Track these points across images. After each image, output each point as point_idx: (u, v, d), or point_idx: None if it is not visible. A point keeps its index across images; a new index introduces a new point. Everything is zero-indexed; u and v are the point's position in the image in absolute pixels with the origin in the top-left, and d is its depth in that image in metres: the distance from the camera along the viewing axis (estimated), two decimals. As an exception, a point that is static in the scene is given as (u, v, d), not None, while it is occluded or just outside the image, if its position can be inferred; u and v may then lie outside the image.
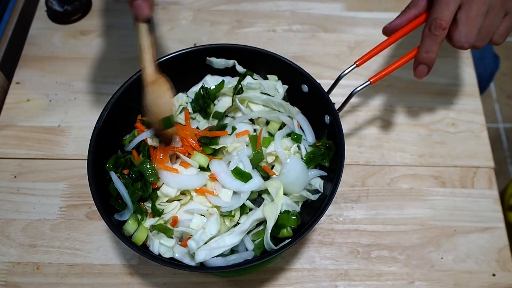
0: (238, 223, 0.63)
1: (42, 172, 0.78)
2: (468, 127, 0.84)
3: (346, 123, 0.83)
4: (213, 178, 0.64)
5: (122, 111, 0.66)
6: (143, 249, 0.59)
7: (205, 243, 0.59)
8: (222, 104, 0.70)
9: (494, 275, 0.72)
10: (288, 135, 0.68)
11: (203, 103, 0.70)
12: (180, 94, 0.73)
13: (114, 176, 0.61)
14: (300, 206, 0.65)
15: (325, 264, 0.72)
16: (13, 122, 0.83)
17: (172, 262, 0.59)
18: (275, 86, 0.70)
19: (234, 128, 0.67)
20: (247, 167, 0.65)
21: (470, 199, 0.77)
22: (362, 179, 0.79)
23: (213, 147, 0.66)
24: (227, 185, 0.63)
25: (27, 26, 0.94)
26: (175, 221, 0.62)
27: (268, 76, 0.71)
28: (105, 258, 0.72)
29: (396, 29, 0.65)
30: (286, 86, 0.71)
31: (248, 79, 0.71)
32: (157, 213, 0.61)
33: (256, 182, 0.63)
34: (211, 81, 0.72)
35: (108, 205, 0.60)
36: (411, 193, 0.78)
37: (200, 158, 0.64)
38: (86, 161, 0.60)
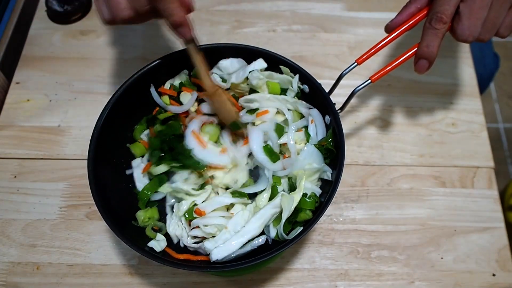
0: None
1: (42, 172, 0.78)
2: (468, 127, 0.84)
3: (346, 123, 0.83)
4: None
5: (122, 111, 0.66)
6: (144, 248, 0.59)
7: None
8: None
9: (494, 275, 0.72)
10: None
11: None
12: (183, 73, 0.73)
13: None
14: (319, 186, 0.65)
15: (325, 264, 0.72)
16: (13, 122, 0.83)
17: (172, 261, 0.59)
18: (290, 80, 0.69)
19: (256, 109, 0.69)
20: (275, 147, 0.65)
21: (470, 199, 0.77)
22: (362, 179, 0.79)
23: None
24: (257, 155, 0.64)
25: (27, 26, 0.94)
26: (200, 213, 0.63)
27: (282, 68, 0.69)
28: (105, 258, 0.72)
29: (398, 25, 0.64)
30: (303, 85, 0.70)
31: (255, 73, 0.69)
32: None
33: (280, 165, 0.64)
34: (226, 65, 0.70)
35: (108, 205, 0.60)
36: (411, 193, 0.78)
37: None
38: (86, 161, 0.60)
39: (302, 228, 0.60)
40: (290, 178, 0.65)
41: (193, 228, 0.62)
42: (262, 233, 0.61)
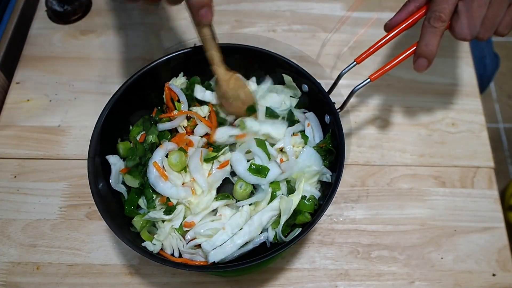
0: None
1: (42, 172, 0.78)
2: (468, 127, 0.84)
3: (346, 123, 0.83)
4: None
5: (122, 111, 0.66)
6: (144, 249, 0.59)
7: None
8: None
9: (494, 275, 0.72)
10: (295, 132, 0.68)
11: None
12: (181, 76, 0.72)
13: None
14: (318, 189, 0.65)
15: (325, 264, 0.72)
16: (13, 122, 0.83)
17: (173, 261, 0.59)
18: (283, 100, 0.70)
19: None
20: (263, 161, 0.64)
21: (470, 199, 0.77)
22: (362, 179, 0.79)
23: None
24: (247, 179, 0.64)
25: (27, 26, 0.94)
26: (190, 225, 0.62)
27: (284, 76, 0.70)
28: (105, 258, 0.72)
29: (397, 24, 0.64)
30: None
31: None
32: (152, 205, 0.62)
33: (274, 172, 0.63)
34: None
35: (108, 205, 0.60)
36: (411, 193, 0.78)
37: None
38: (86, 161, 0.60)
39: (300, 229, 0.60)
40: (289, 181, 0.65)
41: (189, 241, 0.62)
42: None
